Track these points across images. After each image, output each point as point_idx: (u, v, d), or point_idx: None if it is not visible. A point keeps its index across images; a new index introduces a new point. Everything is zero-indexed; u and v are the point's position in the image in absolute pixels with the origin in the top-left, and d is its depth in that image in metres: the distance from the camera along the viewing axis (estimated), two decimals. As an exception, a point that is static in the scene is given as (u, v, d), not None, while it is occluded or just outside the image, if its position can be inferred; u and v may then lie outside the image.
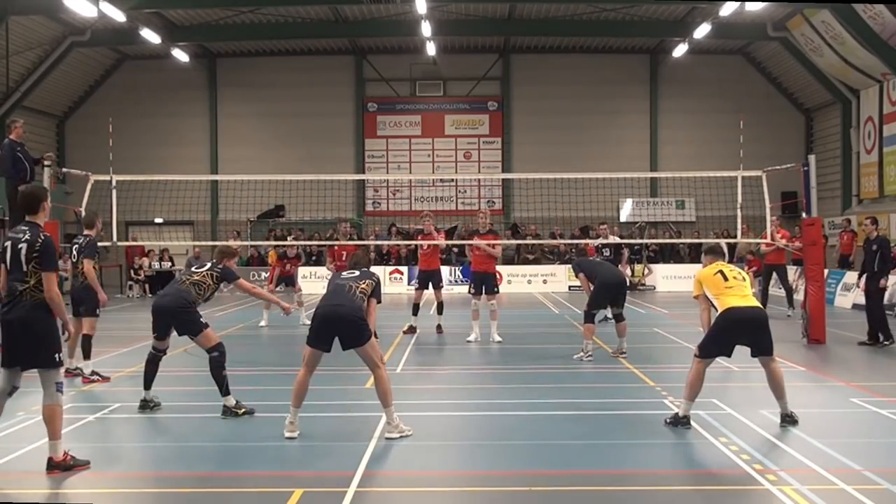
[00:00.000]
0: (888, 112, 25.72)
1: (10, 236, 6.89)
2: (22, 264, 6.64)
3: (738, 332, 8.03)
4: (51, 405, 6.77)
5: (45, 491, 6.37)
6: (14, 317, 6.62)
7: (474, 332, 14.40)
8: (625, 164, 28.95)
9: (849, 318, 17.88)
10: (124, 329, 16.11)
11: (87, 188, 15.43)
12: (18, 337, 6.60)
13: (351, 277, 8.09)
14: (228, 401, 8.70)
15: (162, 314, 9.04)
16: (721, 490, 6.44)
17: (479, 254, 14.53)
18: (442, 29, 27.33)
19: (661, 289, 27.27)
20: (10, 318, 6.64)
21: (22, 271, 6.64)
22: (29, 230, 6.78)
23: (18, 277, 6.65)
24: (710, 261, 8.57)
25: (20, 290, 6.63)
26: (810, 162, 14.69)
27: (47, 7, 23.99)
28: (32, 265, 6.62)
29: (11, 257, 6.73)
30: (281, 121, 31.63)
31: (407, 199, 31.96)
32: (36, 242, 6.67)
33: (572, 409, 8.98)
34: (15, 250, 6.71)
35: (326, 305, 7.85)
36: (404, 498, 6.35)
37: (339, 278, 8.18)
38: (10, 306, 6.68)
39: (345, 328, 7.72)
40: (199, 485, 6.56)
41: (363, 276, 8.11)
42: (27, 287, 6.63)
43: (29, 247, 6.65)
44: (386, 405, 7.76)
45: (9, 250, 6.76)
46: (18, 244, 6.71)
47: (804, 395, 9.45)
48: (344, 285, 7.98)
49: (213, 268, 9.17)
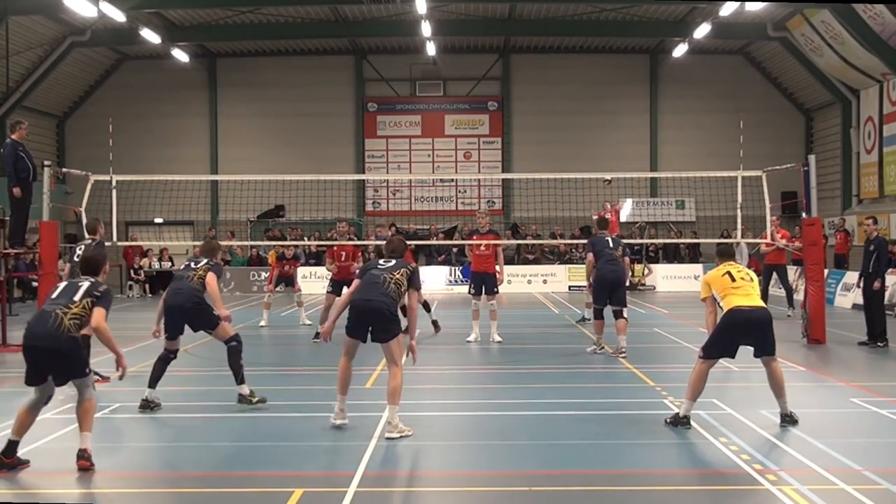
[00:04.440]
0: (888, 112, 25.71)
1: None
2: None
3: (742, 332, 8.03)
4: (90, 400, 7.07)
5: (44, 491, 6.37)
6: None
7: (474, 332, 14.40)
8: (625, 164, 28.91)
9: (849, 318, 17.88)
10: (124, 329, 16.07)
11: (87, 188, 15.43)
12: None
13: (386, 268, 8.04)
14: (243, 389, 8.96)
15: (177, 312, 9.17)
16: (721, 490, 6.44)
17: (478, 254, 14.50)
18: (442, 29, 27.32)
19: (661, 289, 27.27)
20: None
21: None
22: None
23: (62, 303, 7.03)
24: (720, 261, 8.56)
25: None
26: (810, 162, 14.69)
27: (47, 7, 23.98)
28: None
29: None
30: (281, 121, 31.62)
31: (407, 199, 31.95)
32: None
33: (572, 408, 8.99)
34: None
35: (359, 299, 7.90)
36: (404, 498, 6.36)
37: (374, 268, 8.12)
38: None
39: (375, 321, 7.82)
40: (200, 485, 6.56)
41: (397, 266, 8.05)
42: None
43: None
44: (392, 403, 7.76)
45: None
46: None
47: (804, 395, 9.45)
48: (378, 276, 7.95)
49: (208, 263, 9.39)
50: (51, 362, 6.90)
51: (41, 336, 6.89)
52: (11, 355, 13.15)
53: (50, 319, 6.88)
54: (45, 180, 14.41)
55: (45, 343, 6.85)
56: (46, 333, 6.85)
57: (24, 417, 6.95)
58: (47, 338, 6.83)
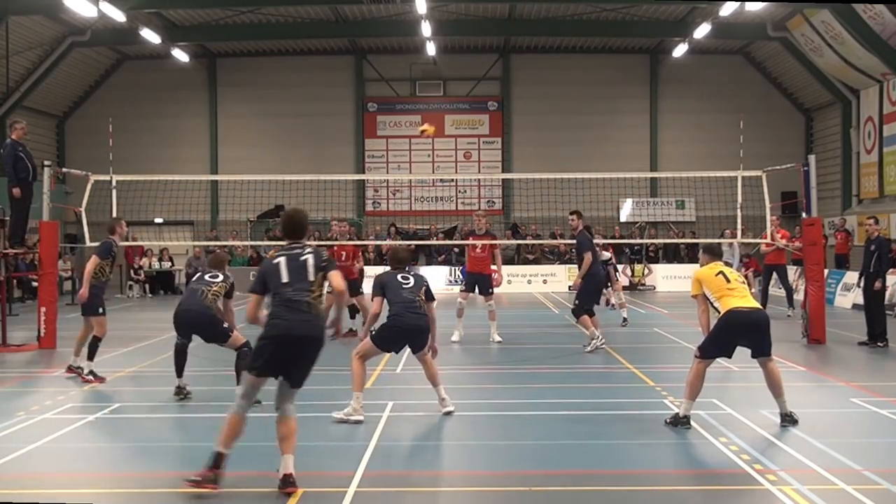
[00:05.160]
0: (888, 112, 25.71)
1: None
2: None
3: (740, 333, 8.04)
4: (293, 418, 6.48)
5: (45, 491, 6.37)
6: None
7: (458, 331, 14.36)
8: (625, 164, 28.90)
9: (849, 318, 17.88)
10: (125, 329, 16.11)
11: (87, 188, 15.44)
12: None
13: (410, 288, 8.61)
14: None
15: (186, 325, 9.42)
16: (721, 490, 6.44)
17: (474, 255, 14.47)
18: (442, 29, 27.31)
19: (661, 289, 27.27)
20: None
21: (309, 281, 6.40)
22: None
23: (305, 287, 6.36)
24: (707, 260, 8.56)
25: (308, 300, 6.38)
26: (810, 162, 14.69)
27: (47, 7, 23.97)
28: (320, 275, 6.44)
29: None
30: (281, 121, 31.61)
31: (407, 199, 31.94)
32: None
33: (572, 409, 8.98)
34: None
35: (408, 323, 8.47)
36: (404, 498, 6.35)
37: (402, 290, 8.58)
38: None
39: (419, 339, 8.61)
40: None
41: (418, 284, 8.68)
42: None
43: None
44: (435, 384, 8.64)
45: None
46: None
47: (804, 395, 9.44)
48: (413, 300, 8.53)
49: (226, 279, 9.64)
50: (300, 353, 6.34)
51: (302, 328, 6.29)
52: (11, 355, 13.17)
53: (303, 306, 6.32)
54: (45, 180, 14.42)
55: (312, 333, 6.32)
56: (315, 327, 6.36)
57: (238, 425, 6.32)
58: (317, 330, 6.35)
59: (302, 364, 6.35)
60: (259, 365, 6.30)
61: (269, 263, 6.49)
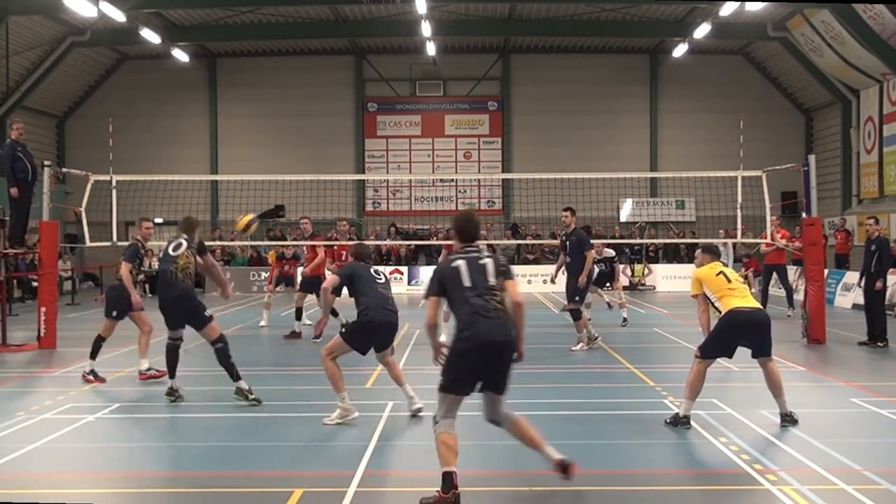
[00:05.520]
0: (888, 112, 25.71)
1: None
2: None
3: (741, 333, 8.03)
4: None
5: (45, 491, 6.37)
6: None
7: (444, 334, 14.33)
8: (625, 164, 28.92)
9: (849, 318, 17.88)
10: (125, 329, 16.07)
11: (87, 188, 15.44)
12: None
13: (383, 284, 8.57)
14: (241, 384, 9.07)
15: (172, 314, 9.30)
16: (721, 490, 6.44)
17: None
18: (442, 29, 27.32)
19: (661, 289, 27.26)
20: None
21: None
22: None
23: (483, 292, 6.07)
24: (707, 260, 8.54)
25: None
26: (810, 162, 14.69)
27: (47, 7, 23.98)
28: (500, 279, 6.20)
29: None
30: (281, 121, 31.62)
31: (407, 199, 31.96)
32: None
33: (572, 409, 8.99)
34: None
35: (378, 320, 8.31)
36: (404, 498, 6.35)
37: (376, 284, 8.46)
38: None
39: (388, 337, 8.66)
40: (200, 485, 6.55)
41: (388, 281, 8.76)
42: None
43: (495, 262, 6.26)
44: (401, 384, 8.74)
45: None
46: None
47: (804, 395, 9.44)
48: (386, 297, 8.48)
49: (189, 245, 9.38)
50: (500, 359, 6.02)
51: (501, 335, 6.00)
52: (11, 355, 13.17)
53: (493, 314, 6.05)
54: (45, 180, 14.42)
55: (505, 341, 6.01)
56: (508, 331, 6.03)
57: (453, 441, 5.98)
58: (511, 334, 6.04)
59: (503, 370, 6.07)
60: (455, 381, 6.00)
61: (447, 267, 6.22)
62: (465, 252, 6.27)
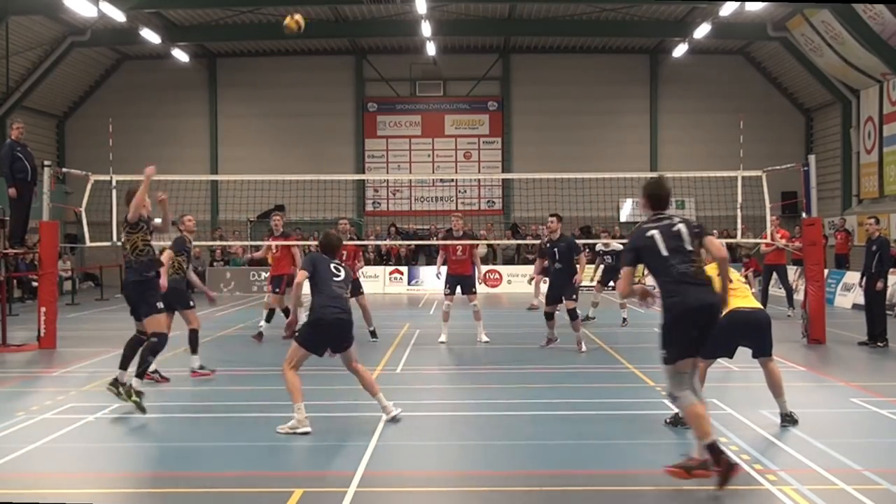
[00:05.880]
0: (888, 112, 25.71)
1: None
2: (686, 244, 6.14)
3: (742, 333, 8.02)
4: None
5: (45, 491, 6.37)
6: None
7: (444, 333, 14.35)
8: (625, 164, 28.90)
9: (849, 318, 17.87)
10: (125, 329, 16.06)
11: (87, 188, 15.43)
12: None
13: (340, 282, 8.20)
14: (133, 381, 8.67)
15: (125, 293, 9.18)
16: (721, 490, 6.43)
17: (455, 258, 14.32)
18: (442, 29, 27.32)
19: (661, 289, 27.22)
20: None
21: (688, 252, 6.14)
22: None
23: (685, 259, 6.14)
24: (709, 258, 8.53)
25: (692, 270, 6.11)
26: (810, 162, 14.69)
27: (47, 7, 23.98)
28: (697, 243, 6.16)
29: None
30: (281, 121, 31.62)
31: (407, 199, 31.96)
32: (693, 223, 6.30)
33: (572, 409, 8.98)
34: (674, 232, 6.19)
35: (328, 319, 8.05)
36: (404, 498, 6.35)
37: (332, 281, 8.17)
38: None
39: (342, 337, 8.21)
40: (199, 485, 6.55)
41: (348, 278, 8.37)
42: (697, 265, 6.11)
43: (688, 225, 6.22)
44: (374, 393, 8.28)
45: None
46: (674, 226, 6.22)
47: (804, 395, 9.44)
48: (340, 295, 8.17)
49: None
50: (710, 323, 6.16)
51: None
52: (11, 355, 13.17)
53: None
54: (45, 180, 14.42)
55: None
56: (714, 294, 6.08)
57: (703, 409, 6.07)
58: (717, 297, 6.13)
59: (711, 333, 6.11)
60: (676, 351, 6.08)
61: (642, 237, 6.16)
62: (657, 220, 6.27)
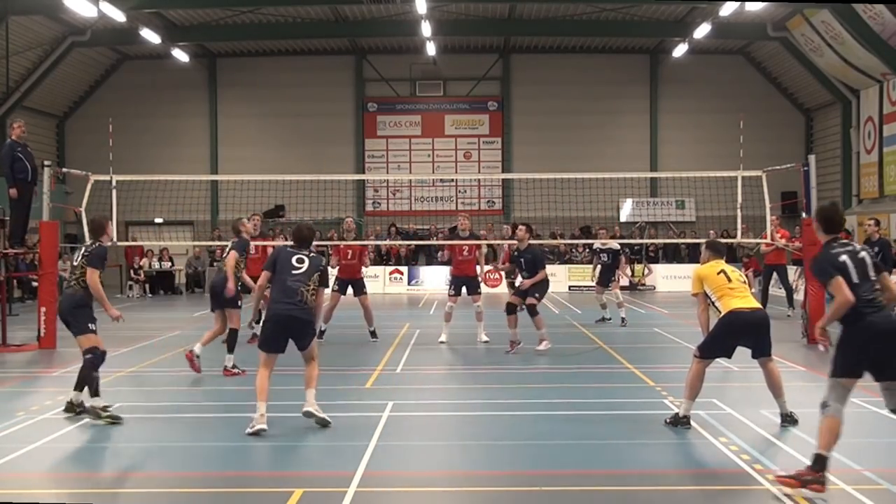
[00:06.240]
0: (888, 112, 25.71)
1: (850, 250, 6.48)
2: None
3: (741, 333, 8.02)
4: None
5: (45, 491, 6.37)
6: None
7: (445, 333, 14.36)
8: (625, 164, 28.92)
9: (849, 318, 17.83)
10: (125, 329, 16.07)
11: (87, 188, 15.43)
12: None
13: (300, 275, 7.94)
14: (94, 401, 8.42)
15: (60, 315, 8.93)
16: (721, 490, 6.44)
17: (461, 258, 14.38)
18: (442, 29, 27.32)
19: (661, 289, 27.27)
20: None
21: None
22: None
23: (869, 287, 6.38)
24: (710, 256, 8.51)
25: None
26: (810, 162, 14.69)
27: (47, 7, 23.98)
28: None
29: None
30: (281, 121, 31.63)
31: (407, 199, 31.96)
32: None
33: (572, 409, 8.98)
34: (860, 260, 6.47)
35: (281, 314, 7.89)
36: (404, 498, 6.35)
37: (290, 275, 7.92)
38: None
39: (298, 333, 8.07)
40: (199, 485, 6.56)
41: (312, 268, 8.04)
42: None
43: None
44: (308, 387, 8.07)
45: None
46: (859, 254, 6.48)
47: (804, 395, 9.42)
48: (295, 290, 7.91)
49: (86, 252, 8.65)
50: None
51: None
52: (11, 355, 13.16)
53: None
54: (45, 180, 14.41)
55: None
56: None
57: (839, 426, 6.21)
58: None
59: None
60: (846, 367, 6.42)
61: (835, 259, 6.37)
62: (843, 245, 6.49)
